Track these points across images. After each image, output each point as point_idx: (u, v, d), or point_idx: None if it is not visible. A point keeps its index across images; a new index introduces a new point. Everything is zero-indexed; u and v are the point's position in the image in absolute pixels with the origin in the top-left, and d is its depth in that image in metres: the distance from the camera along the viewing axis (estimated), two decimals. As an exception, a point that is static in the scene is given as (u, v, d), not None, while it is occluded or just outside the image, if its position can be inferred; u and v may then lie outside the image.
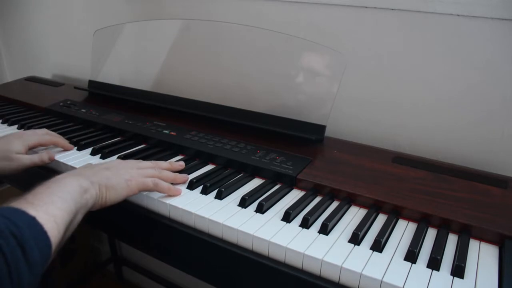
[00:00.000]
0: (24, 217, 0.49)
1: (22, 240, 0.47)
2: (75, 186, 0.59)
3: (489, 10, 0.75)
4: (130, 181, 0.66)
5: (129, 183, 0.66)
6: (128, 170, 0.68)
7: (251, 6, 1.03)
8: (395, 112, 0.91)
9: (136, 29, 1.11)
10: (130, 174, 0.67)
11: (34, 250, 0.47)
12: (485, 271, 0.53)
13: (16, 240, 0.46)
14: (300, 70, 0.86)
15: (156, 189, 0.68)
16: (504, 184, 0.69)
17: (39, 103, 1.13)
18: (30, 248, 0.47)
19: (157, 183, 0.68)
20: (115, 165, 0.70)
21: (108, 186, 0.64)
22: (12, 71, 1.80)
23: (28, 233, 0.48)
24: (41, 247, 0.49)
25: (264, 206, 0.65)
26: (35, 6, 1.56)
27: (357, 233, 0.58)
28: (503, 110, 0.79)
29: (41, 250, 0.49)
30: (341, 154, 0.80)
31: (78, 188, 0.59)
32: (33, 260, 0.47)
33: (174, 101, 1.01)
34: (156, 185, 0.68)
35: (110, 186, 0.64)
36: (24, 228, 0.48)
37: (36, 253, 0.48)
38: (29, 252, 0.47)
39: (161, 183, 0.68)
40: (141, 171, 0.69)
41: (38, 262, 0.48)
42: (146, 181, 0.67)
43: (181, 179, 0.73)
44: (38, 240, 0.49)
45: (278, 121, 0.87)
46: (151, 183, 0.68)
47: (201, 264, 0.67)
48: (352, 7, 0.89)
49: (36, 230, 0.49)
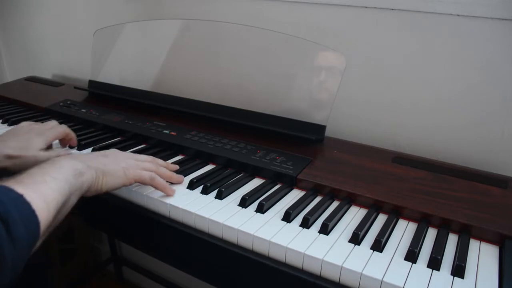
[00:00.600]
0: (11, 194, 0.49)
1: (6, 215, 0.46)
2: (70, 168, 0.58)
3: (489, 10, 0.75)
4: (128, 170, 0.66)
5: (126, 171, 0.65)
6: (125, 159, 0.68)
7: (251, 6, 1.03)
8: (395, 112, 0.91)
9: (136, 29, 1.11)
10: (128, 163, 0.67)
11: (18, 226, 0.46)
12: (485, 271, 0.54)
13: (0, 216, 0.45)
14: (300, 70, 0.86)
15: (152, 183, 0.68)
16: (504, 184, 0.69)
17: (39, 103, 1.13)
18: (14, 223, 0.46)
19: (153, 178, 0.67)
20: (113, 153, 0.70)
21: (105, 171, 0.63)
22: (12, 71, 1.80)
23: (13, 209, 0.47)
24: (27, 224, 0.48)
25: (265, 206, 0.65)
26: (35, 6, 1.56)
27: (358, 233, 0.58)
28: (503, 110, 0.79)
29: (27, 227, 0.48)
30: (341, 154, 0.80)
31: (73, 171, 0.58)
32: (17, 236, 0.46)
33: (174, 101, 1.01)
34: (152, 180, 0.67)
35: (107, 172, 0.63)
36: (8, 204, 0.47)
37: (21, 229, 0.47)
38: (12, 227, 0.46)
39: (157, 178, 0.68)
40: (139, 163, 0.69)
41: (23, 238, 0.47)
42: (143, 174, 0.67)
43: (177, 179, 0.73)
44: (24, 216, 0.48)
45: (278, 121, 0.87)
46: (148, 176, 0.67)
47: (201, 264, 0.67)
48: (352, 7, 0.89)
49: (22, 207, 0.48)
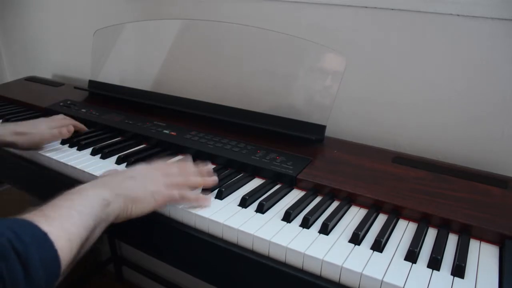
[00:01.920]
0: (34, 232, 0.46)
1: (26, 258, 0.43)
2: (98, 199, 0.56)
3: (489, 10, 0.75)
4: (157, 194, 0.62)
5: (156, 196, 0.62)
6: (154, 180, 0.64)
7: (251, 6, 1.03)
8: (395, 112, 0.91)
9: (136, 29, 1.11)
10: (157, 185, 0.63)
11: (38, 269, 0.44)
12: (486, 271, 0.54)
13: (19, 258, 0.43)
14: (300, 70, 0.86)
15: (183, 201, 0.65)
16: (504, 184, 0.69)
17: (39, 103, 1.13)
18: (34, 268, 0.44)
19: (183, 196, 0.64)
20: (141, 172, 0.65)
21: (134, 199, 0.60)
22: (12, 71, 1.80)
23: (35, 251, 0.44)
24: (47, 267, 0.45)
25: (265, 206, 0.65)
26: (35, 6, 1.56)
27: (358, 233, 0.58)
28: (503, 110, 0.79)
29: (47, 270, 0.45)
30: (341, 154, 0.80)
31: (100, 201, 0.56)
32: (35, 279, 0.44)
33: (174, 101, 1.01)
34: (183, 198, 0.65)
35: (136, 199, 0.60)
36: (30, 245, 0.44)
37: (41, 272, 0.44)
38: (32, 270, 0.43)
39: (187, 195, 0.65)
40: (167, 180, 0.65)
41: (42, 281, 0.44)
42: (173, 195, 0.64)
43: (212, 182, 0.69)
44: (45, 259, 0.45)
45: (278, 121, 0.87)
46: (178, 196, 0.64)
47: (201, 264, 0.67)
48: (352, 7, 0.89)
49: (44, 248, 0.46)
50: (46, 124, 0.88)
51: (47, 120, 0.90)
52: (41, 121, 0.89)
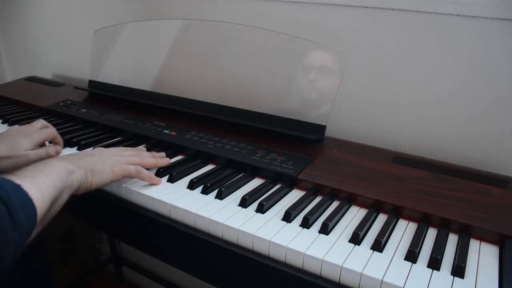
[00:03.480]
0: (10, 183, 0.53)
1: (7, 200, 0.49)
2: (62, 167, 0.62)
3: (489, 10, 0.75)
4: (114, 167, 0.70)
5: (113, 168, 0.70)
6: (111, 156, 0.72)
7: (251, 6, 1.03)
8: (395, 112, 0.91)
9: (136, 29, 1.11)
10: (114, 160, 0.71)
11: (19, 211, 0.50)
12: (486, 271, 0.54)
13: (2, 201, 0.49)
14: (300, 70, 0.86)
15: (138, 176, 0.72)
16: (504, 184, 0.69)
17: (39, 103, 1.13)
18: (15, 208, 0.50)
19: (139, 171, 0.72)
20: (99, 151, 0.73)
21: (93, 170, 0.67)
22: (12, 71, 1.80)
23: (14, 196, 0.51)
24: (26, 210, 0.52)
25: (265, 206, 0.65)
26: (35, 6, 1.56)
27: (358, 233, 0.58)
28: (503, 110, 0.79)
29: (26, 213, 0.52)
30: (341, 154, 0.80)
31: (64, 169, 0.62)
32: (18, 219, 0.50)
33: (174, 101, 1.01)
34: (138, 173, 0.72)
35: (95, 170, 0.67)
36: (10, 192, 0.51)
37: (21, 214, 0.50)
38: (14, 212, 0.49)
39: (143, 171, 0.72)
40: (124, 158, 0.73)
41: (24, 223, 0.51)
42: (129, 168, 0.71)
43: (163, 163, 0.77)
44: (23, 203, 0.52)
45: (278, 121, 0.87)
46: (134, 170, 0.71)
47: (201, 264, 0.67)
48: (352, 7, 0.89)
49: (21, 195, 0.52)
50: (28, 141, 0.78)
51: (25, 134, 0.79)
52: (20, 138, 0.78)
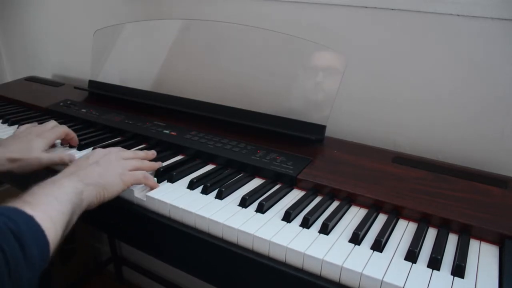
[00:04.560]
0: (22, 216, 0.50)
1: (20, 237, 0.47)
2: (71, 187, 0.60)
3: (489, 10, 0.75)
4: (124, 176, 0.68)
5: (123, 177, 0.68)
6: (117, 163, 0.70)
7: (251, 6, 1.03)
8: (395, 112, 0.91)
9: (136, 29, 1.11)
10: (122, 168, 0.69)
11: (32, 247, 0.47)
12: (485, 271, 0.54)
13: (15, 237, 0.46)
14: (300, 70, 0.86)
15: (145, 182, 0.71)
16: (504, 184, 0.69)
17: (39, 103, 1.13)
18: (28, 245, 0.47)
19: (147, 177, 0.71)
20: (105, 159, 0.70)
21: (104, 185, 0.65)
22: (12, 71, 1.80)
23: (26, 231, 0.48)
24: (39, 245, 0.49)
25: (265, 206, 0.65)
26: (35, 6, 1.56)
27: (358, 233, 0.58)
28: (503, 110, 0.79)
29: (39, 248, 0.49)
30: (341, 154, 0.80)
31: (74, 190, 0.60)
32: (32, 257, 0.47)
33: (174, 101, 1.01)
34: (146, 179, 0.71)
35: (106, 184, 0.65)
36: (22, 226, 0.48)
37: (35, 250, 0.48)
38: (28, 249, 0.47)
39: (150, 177, 0.72)
40: (128, 163, 0.71)
41: (37, 260, 0.48)
42: (137, 175, 0.70)
43: (156, 166, 0.76)
44: (36, 238, 0.49)
45: (278, 121, 0.87)
46: (142, 176, 0.71)
47: (201, 264, 0.67)
48: (352, 7, 0.89)
49: (34, 228, 0.49)
50: (42, 141, 0.78)
51: (38, 134, 0.79)
52: (33, 140, 0.77)
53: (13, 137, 0.80)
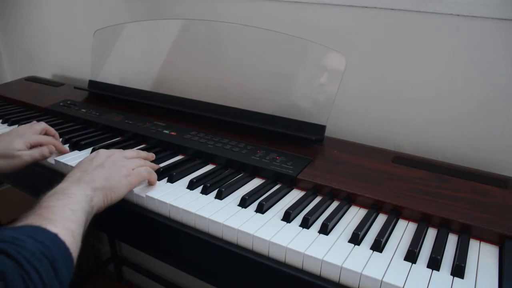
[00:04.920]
0: (48, 236, 0.50)
1: (53, 260, 0.47)
2: (82, 196, 0.60)
3: (489, 10, 0.75)
4: (129, 177, 0.68)
5: (129, 179, 0.68)
6: (121, 163, 0.69)
7: (251, 6, 1.03)
8: (395, 112, 0.91)
9: (136, 29, 1.11)
10: (126, 168, 0.69)
11: (63, 268, 0.48)
12: (485, 271, 0.54)
13: (48, 261, 0.47)
14: (300, 70, 0.86)
15: (149, 177, 0.72)
16: (504, 184, 0.69)
17: (39, 103, 1.13)
18: (59, 267, 0.48)
19: (150, 172, 0.72)
20: (108, 160, 0.69)
21: (111, 188, 0.65)
22: (12, 71, 1.80)
23: (56, 252, 0.48)
24: (67, 265, 0.49)
25: (264, 206, 0.65)
26: (35, 6, 1.56)
27: (357, 233, 0.58)
28: (503, 110, 0.79)
29: (67, 267, 0.49)
30: (341, 154, 0.80)
31: (85, 197, 0.60)
32: (63, 278, 0.48)
33: (174, 101, 1.01)
34: (149, 174, 0.71)
35: (113, 187, 0.65)
36: (52, 248, 0.48)
37: (65, 271, 0.49)
38: (59, 271, 0.48)
39: (153, 173, 0.72)
40: (131, 163, 0.71)
41: (67, 280, 0.49)
42: (142, 172, 0.71)
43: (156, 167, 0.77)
44: (64, 258, 0.49)
45: (278, 121, 0.87)
46: (147, 173, 0.71)
47: (201, 264, 0.67)
48: (352, 7, 0.89)
49: (60, 248, 0.50)
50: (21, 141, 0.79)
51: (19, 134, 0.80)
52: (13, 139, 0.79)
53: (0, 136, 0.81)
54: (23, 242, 0.46)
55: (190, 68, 1.00)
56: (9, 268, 0.43)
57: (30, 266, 0.45)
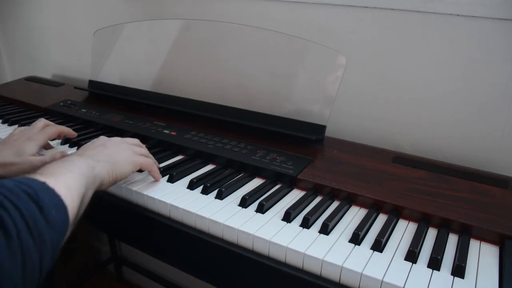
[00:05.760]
0: (35, 182, 0.48)
1: (37, 198, 0.45)
2: (82, 162, 0.59)
3: (489, 10, 0.75)
4: (134, 156, 0.68)
5: (134, 158, 0.68)
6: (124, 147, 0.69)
7: (251, 6, 1.03)
8: (395, 112, 0.91)
9: (136, 29, 1.11)
10: (128, 153, 0.68)
11: (51, 209, 0.46)
12: (486, 271, 0.54)
13: (31, 198, 0.45)
14: (300, 70, 0.86)
15: (152, 168, 0.72)
16: (504, 184, 0.69)
17: (39, 103, 1.13)
18: (46, 206, 0.46)
19: (153, 163, 0.72)
20: (110, 141, 0.69)
21: (115, 162, 0.64)
22: (12, 71, 1.80)
23: (42, 193, 0.47)
24: (57, 208, 0.47)
25: (265, 206, 0.65)
26: (35, 6, 1.56)
27: (358, 233, 0.58)
28: (503, 110, 0.79)
29: (58, 210, 0.47)
30: (341, 154, 0.80)
31: (86, 164, 0.59)
32: (51, 218, 0.46)
33: (174, 101, 1.01)
34: (152, 165, 0.72)
35: (117, 162, 0.65)
36: (36, 189, 0.47)
37: (54, 212, 0.46)
38: (46, 209, 0.45)
39: (157, 164, 0.73)
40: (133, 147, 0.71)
41: (57, 221, 0.47)
42: (148, 160, 0.71)
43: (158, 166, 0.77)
44: (52, 200, 0.48)
45: (278, 121, 0.87)
46: (152, 162, 0.71)
47: (201, 264, 0.67)
48: (352, 7, 0.89)
49: (49, 192, 0.48)
50: (33, 144, 0.75)
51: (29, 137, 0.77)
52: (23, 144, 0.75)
53: (3, 143, 0.77)
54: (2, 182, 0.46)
55: (190, 68, 1.00)
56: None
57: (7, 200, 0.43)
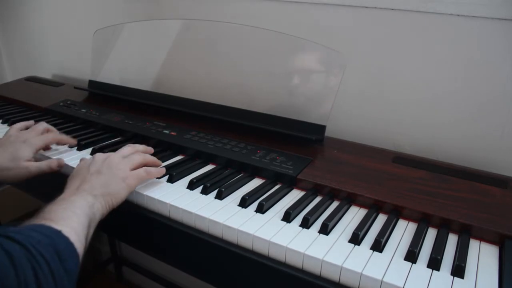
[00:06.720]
0: (52, 230, 0.51)
1: (58, 250, 0.49)
2: (83, 202, 0.60)
3: (489, 10, 0.75)
4: (128, 179, 0.67)
5: (127, 181, 0.67)
6: (118, 166, 0.68)
7: (251, 6, 1.03)
8: (395, 112, 0.91)
9: (136, 29, 1.11)
10: (124, 171, 0.67)
11: (68, 259, 0.50)
12: (485, 271, 0.54)
13: (54, 250, 0.48)
14: (300, 70, 0.86)
15: (149, 177, 0.71)
16: (504, 184, 0.69)
17: (39, 103, 1.13)
18: (65, 257, 0.49)
19: (149, 172, 0.71)
20: (106, 165, 0.68)
21: (110, 193, 0.65)
22: (12, 71, 1.80)
23: (60, 244, 0.50)
24: (73, 258, 0.51)
25: (265, 206, 0.65)
26: (35, 6, 1.56)
27: (357, 233, 0.58)
28: (503, 110, 0.79)
29: (73, 261, 0.51)
30: (341, 154, 0.80)
31: (86, 203, 0.60)
32: (69, 268, 0.49)
33: (174, 101, 1.01)
34: (149, 174, 0.71)
35: (113, 193, 0.65)
36: (56, 240, 0.50)
37: (71, 262, 0.50)
38: (64, 261, 0.49)
39: (152, 170, 0.71)
40: (128, 161, 0.70)
41: (73, 270, 0.50)
42: (140, 174, 0.69)
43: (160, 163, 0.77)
44: (69, 251, 0.51)
45: (278, 121, 0.87)
46: (145, 173, 0.70)
47: (201, 264, 0.67)
48: (352, 7, 0.89)
49: (65, 242, 0.51)
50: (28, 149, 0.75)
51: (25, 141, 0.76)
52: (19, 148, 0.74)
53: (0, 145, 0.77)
54: (29, 232, 0.49)
55: (190, 68, 1.00)
56: (18, 252, 0.45)
57: (37, 251, 0.46)
